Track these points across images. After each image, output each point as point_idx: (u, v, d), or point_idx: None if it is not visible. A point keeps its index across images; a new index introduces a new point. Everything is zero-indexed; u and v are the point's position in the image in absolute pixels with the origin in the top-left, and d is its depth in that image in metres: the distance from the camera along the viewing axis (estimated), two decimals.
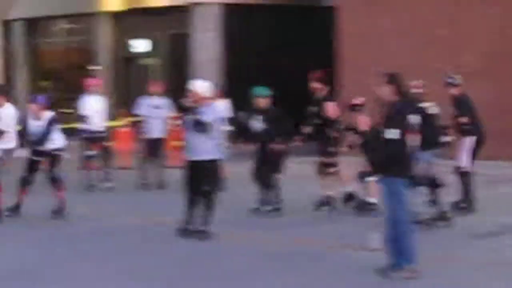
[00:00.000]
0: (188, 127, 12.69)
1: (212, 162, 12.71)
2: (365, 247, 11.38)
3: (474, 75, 21.56)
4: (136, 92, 26.20)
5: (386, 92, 10.12)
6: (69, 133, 18.69)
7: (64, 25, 36.98)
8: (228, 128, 19.23)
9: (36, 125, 14.16)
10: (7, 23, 35.31)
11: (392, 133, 9.65)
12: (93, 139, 19.44)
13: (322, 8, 28.63)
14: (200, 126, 12.39)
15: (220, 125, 13.44)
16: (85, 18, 34.50)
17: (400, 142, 9.80)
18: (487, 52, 23.63)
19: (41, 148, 14.17)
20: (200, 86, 12.96)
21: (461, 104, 14.24)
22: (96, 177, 19.28)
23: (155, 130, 19.60)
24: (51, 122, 14.23)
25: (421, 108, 11.75)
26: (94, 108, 19.45)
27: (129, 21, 33.01)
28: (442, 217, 13.61)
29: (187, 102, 12.80)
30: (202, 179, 12.58)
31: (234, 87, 23.86)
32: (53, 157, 14.35)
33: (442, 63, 22.86)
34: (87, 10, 33.38)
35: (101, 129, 19.58)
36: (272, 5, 29.90)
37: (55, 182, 14.26)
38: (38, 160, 14.25)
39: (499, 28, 23.78)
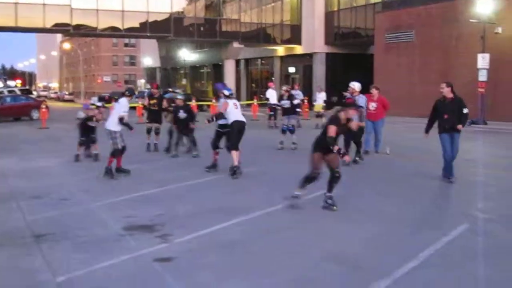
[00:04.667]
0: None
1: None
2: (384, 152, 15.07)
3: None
4: None
5: (447, 91, 11.45)
6: (262, 105, 31.56)
7: (261, 61, 49.00)
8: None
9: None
10: (237, 61, 46.74)
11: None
12: (273, 108, 25.33)
13: (369, 55, 38.05)
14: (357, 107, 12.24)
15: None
16: (269, 58, 46.98)
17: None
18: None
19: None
20: (354, 85, 14.14)
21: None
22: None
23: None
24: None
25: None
26: (272, 94, 26.31)
27: (287, 59, 45.34)
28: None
29: (348, 93, 14.01)
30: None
31: (328, 88, 34.82)
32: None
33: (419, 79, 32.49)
34: (270, 55, 46.16)
35: (275, 103, 24.20)
36: (347, 53, 41.31)
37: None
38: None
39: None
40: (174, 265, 6.69)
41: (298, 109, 18.72)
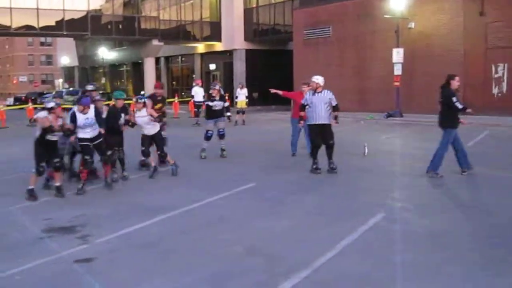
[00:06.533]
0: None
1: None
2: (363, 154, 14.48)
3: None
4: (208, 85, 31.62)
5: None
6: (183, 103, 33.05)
7: (181, 58, 48.55)
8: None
9: (84, 118, 10.64)
10: (157, 59, 46.28)
11: None
12: (197, 105, 25.76)
13: (289, 50, 37.72)
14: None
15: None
16: (190, 56, 46.43)
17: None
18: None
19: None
20: (318, 79, 12.33)
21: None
22: None
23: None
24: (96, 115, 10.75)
25: None
26: (197, 91, 25.88)
27: (207, 56, 44.98)
28: None
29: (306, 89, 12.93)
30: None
31: (249, 84, 33.94)
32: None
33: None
34: (191, 52, 45.75)
35: (200, 100, 25.59)
36: (266, 49, 41.25)
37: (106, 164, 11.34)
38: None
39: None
40: (95, 265, 6.63)
41: (228, 113, 15.65)
